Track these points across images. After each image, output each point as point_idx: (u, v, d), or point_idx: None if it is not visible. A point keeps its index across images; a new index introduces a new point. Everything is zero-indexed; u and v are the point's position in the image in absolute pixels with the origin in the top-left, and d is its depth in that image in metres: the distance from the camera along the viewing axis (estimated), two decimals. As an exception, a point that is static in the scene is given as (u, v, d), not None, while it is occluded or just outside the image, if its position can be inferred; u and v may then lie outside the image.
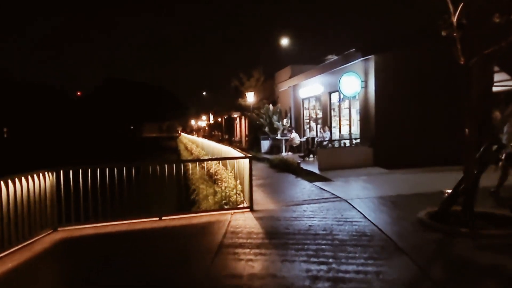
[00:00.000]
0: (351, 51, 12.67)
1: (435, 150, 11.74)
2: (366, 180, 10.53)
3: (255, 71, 25.64)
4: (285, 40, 24.25)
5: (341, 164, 12.53)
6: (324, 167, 12.53)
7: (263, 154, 20.26)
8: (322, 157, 12.65)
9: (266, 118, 21.91)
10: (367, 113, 13.12)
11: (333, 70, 15.11)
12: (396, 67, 12.59)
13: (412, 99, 12.46)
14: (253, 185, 7.75)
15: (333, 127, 16.62)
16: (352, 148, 12.73)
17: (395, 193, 8.31)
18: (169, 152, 50.38)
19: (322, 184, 10.01)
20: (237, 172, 9.05)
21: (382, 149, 12.52)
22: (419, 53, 12.11)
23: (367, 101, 13.05)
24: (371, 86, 12.83)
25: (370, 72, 12.86)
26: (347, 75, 13.14)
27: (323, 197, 8.37)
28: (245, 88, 24.55)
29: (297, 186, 10.10)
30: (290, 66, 22.02)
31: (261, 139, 21.14)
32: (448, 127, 11.31)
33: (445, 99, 11.86)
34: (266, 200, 8.51)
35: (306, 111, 20.16)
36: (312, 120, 19.38)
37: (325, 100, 16.78)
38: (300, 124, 20.46)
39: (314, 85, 17.74)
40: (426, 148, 11.98)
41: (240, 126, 30.22)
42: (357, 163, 12.60)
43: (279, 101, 23.88)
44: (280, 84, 22.46)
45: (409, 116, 12.54)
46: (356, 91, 13.19)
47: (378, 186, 9.36)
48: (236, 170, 9.25)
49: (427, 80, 12.33)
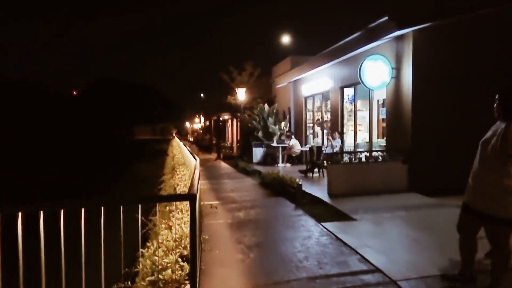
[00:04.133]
0: (380, 22, 8.75)
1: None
2: (407, 219, 6.54)
3: (247, 64, 21.69)
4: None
5: (362, 188, 8.57)
6: (336, 191, 8.55)
7: (254, 164, 16.28)
8: (334, 176, 8.67)
9: (260, 121, 17.93)
10: (399, 114, 9.17)
11: (348, 56, 11.15)
12: (448, 47, 8.66)
13: (470, 96, 8.53)
14: (228, 223, 4.23)
15: (344, 134, 12.65)
16: (377, 164, 8.80)
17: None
18: (160, 156, 46.58)
19: (338, 228, 6.01)
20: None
21: (422, 166, 8.57)
22: (488, 25, 8.21)
23: (400, 97, 9.10)
24: (405, 75, 8.89)
25: (404, 55, 8.92)
26: (372, 58, 9.20)
27: (348, 269, 4.36)
28: (235, 84, 20.61)
29: (297, 231, 6.08)
30: (290, 57, 18.05)
31: (253, 145, 17.15)
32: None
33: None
34: (239, 270, 4.49)
35: (309, 113, 16.19)
36: (317, 124, 15.39)
37: (336, 97, 12.82)
38: (301, 129, 16.48)
39: (321, 79, 13.78)
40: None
41: (232, 130, 26.27)
42: (384, 186, 8.65)
43: (277, 100, 19.90)
44: (277, 79, 18.49)
45: (464, 120, 8.59)
46: (384, 82, 9.25)
47: (439, 237, 5.37)
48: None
49: (496, 69, 8.42)
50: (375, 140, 11.11)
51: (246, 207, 8.10)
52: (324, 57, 12.64)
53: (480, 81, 8.56)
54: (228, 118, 26.02)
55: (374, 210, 7.21)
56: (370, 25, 9.12)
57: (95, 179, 24.39)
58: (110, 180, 23.12)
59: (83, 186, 20.39)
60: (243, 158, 17.90)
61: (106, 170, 29.82)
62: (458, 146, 8.59)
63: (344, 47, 11.00)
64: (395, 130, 9.40)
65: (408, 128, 8.84)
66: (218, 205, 8.35)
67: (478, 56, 8.72)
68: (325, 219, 6.67)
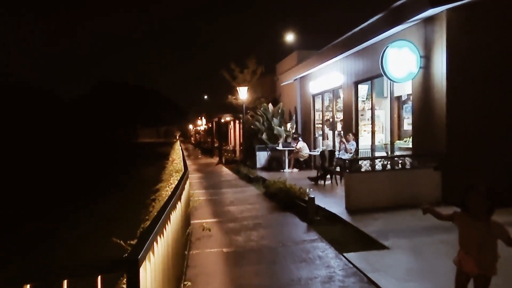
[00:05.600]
0: (406, 0, 7.24)
1: None
2: (454, 244, 5.00)
3: (249, 61, 20.18)
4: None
5: (386, 200, 7.08)
6: (356, 205, 7.06)
7: (258, 170, 14.81)
8: (353, 187, 7.17)
9: (264, 122, 16.46)
10: (429, 111, 7.66)
11: (364, 45, 9.66)
12: (491, 31, 7.16)
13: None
14: (223, 254, 4.39)
15: (359, 136, 11.16)
16: (404, 172, 7.30)
17: None
18: (162, 159, 45.29)
19: (367, 262, 4.52)
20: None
21: (458, 174, 7.03)
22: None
23: (430, 91, 7.59)
24: (437, 65, 7.38)
25: (436, 41, 7.42)
26: (396, 45, 7.70)
27: None
28: (237, 83, 19.15)
29: (312, 267, 4.58)
30: (296, 51, 16.56)
31: (256, 149, 15.68)
32: None
33: None
34: None
35: (318, 113, 14.69)
36: (327, 125, 13.89)
37: (349, 94, 11.32)
38: (309, 130, 14.99)
39: (332, 74, 12.29)
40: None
41: (234, 132, 24.81)
42: (413, 198, 7.13)
43: (282, 99, 18.41)
44: (282, 76, 17.01)
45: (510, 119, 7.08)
46: (411, 73, 7.74)
47: (505, 271, 3.86)
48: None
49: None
50: (400, 143, 9.61)
51: (247, 227, 6.62)
52: (335, 48, 11.15)
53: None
54: (230, 119, 24.57)
55: (407, 232, 5.72)
56: (394, 5, 7.62)
57: (91, 184, 23.07)
58: (107, 185, 21.76)
59: (76, 192, 19.03)
60: (246, 162, 16.43)
61: (105, 174, 28.48)
62: (505, 150, 7.08)
63: (360, 35, 9.50)
64: (424, 131, 7.89)
65: (441, 128, 7.33)
66: (213, 224, 6.89)
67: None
68: (348, 246, 5.18)
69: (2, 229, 11.80)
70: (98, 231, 9.86)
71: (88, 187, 21.84)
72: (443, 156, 7.25)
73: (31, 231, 12.01)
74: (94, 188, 21.05)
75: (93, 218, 12.70)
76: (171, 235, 3.03)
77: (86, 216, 13.30)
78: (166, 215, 2.73)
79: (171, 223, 3.09)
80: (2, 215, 13.27)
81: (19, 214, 14.33)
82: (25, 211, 14.98)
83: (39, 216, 13.98)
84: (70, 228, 11.76)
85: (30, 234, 11.66)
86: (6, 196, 17.93)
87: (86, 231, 10.92)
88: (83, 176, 28.02)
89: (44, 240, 10.69)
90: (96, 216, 12.81)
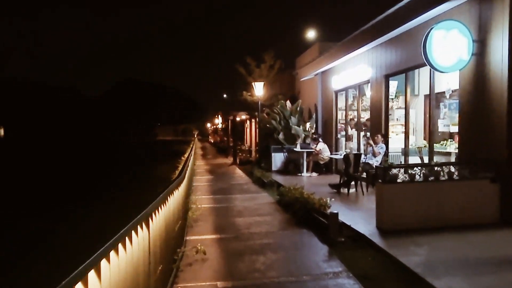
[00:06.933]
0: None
1: None
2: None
3: (267, 55, 18.79)
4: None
5: (429, 219, 5.67)
6: (390, 223, 5.66)
7: (273, 173, 13.49)
8: (386, 201, 5.75)
9: (281, 120, 15.10)
10: (483, 109, 6.17)
11: (399, 31, 8.20)
12: None
13: None
14: None
15: (389, 137, 9.72)
16: (452, 184, 5.85)
17: None
18: (178, 157, 44.55)
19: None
20: None
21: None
22: None
23: (485, 83, 6.11)
24: (495, 51, 5.90)
25: (494, 22, 5.94)
26: (443, 26, 6.24)
27: None
28: (253, 78, 17.85)
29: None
30: (318, 43, 15.11)
31: (271, 150, 14.36)
32: None
33: None
34: None
35: (341, 112, 13.24)
36: (352, 125, 12.43)
37: (378, 90, 9.87)
38: (330, 131, 13.56)
39: (358, 67, 10.85)
40: None
41: (250, 131, 23.52)
42: (463, 215, 5.72)
43: (301, 96, 16.99)
44: (302, 71, 15.59)
45: None
46: (462, 61, 6.25)
47: None
48: None
49: None
50: (438, 147, 8.13)
51: (253, 248, 5.32)
52: (363, 36, 9.70)
53: None
54: (246, 118, 23.30)
55: (463, 266, 4.30)
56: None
57: (102, 182, 22.22)
58: (121, 184, 20.85)
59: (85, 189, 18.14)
60: (261, 164, 15.13)
61: (120, 171, 27.65)
62: None
63: (394, 18, 8.06)
64: (475, 133, 6.41)
65: (500, 130, 5.85)
66: (212, 242, 5.63)
67: None
68: (384, 286, 3.82)
69: (2, 229, 11.04)
70: (99, 231, 8.83)
71: (98, 186, 20.99)
72: (502, 165, 5.76)
73: (32, 230, 11.24)
74: (100, 187, 20.16)
75: (94, 218, 11.75)
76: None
77: (88, 215, 12.39)
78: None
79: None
80: (5, 215, 12.48)
81: (27, 213, 13.48)
82: (34, 210, 14.13)
83: (46, 214, 13.13)
84: (69, 228, 10.87)
85: (33, 233, 10.87)
86: (18, 193, 17.22)
87: (85, 231, 9.98)
88: (95, 174, 27.29)
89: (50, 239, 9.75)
90: (96, 216, 11.81)
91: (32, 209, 14.15)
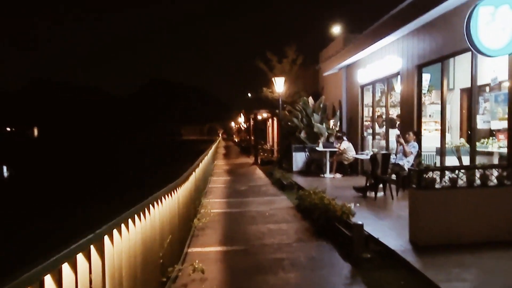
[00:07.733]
0: None
1: None
2: None
3: (289, 49, 17.92)
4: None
5: (475, 232, 4.71)
6: (427, 236, 4.74)
7: (294, 173, 12.67)
8: (422, 211, 4.82)
9: (303, 118, 14.22)
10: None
11: (433, 15, 7.20)
12: None
13: None
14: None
15: (422, 135, 8.70)
16: (503, 191, 4.86)
17: None
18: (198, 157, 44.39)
19: None
20: None
21: None
22: None
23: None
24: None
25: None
26: (491, 2, 5.24)
27: None
28: (274, 74, 17.02)
29: None
30: (342, 35, 14.14)
31: (293, 149, 13.51)
32: None
33: None
34: None
35: (367, 108, 12.22)
36: (380, 122, 11.40)
37: (410, 82, 8.85)
38: (356, 129, 12.56)
39: (386, 58, 9.85)
40: None
41: (272, 130, 22.71)
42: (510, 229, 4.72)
43: (324, 92, 16.03)
44: (325, 65, 14.63)
45: None
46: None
47: None
48: None
49: None
50: (483, 146, 7.07)
51: (263, 266, 4.53)
52: (393, 21, 8.69)
53: None
54: (268, 116, 22.50)
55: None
56: None
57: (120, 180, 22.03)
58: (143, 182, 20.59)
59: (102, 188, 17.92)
60: (282, 164, 14.32)
61: (144, 170, 27.49)
62: None
63: (428, 0, 7.06)
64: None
65: None
66: (216, 256, 4.90)
67: None
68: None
69: (3, 228, 10.78)
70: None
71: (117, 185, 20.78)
72: None
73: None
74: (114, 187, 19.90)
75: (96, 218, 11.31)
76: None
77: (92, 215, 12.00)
78: None
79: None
80: (11, 215, 12.27)
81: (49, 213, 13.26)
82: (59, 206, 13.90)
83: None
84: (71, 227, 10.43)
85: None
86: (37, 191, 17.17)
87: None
88: (115, 173, 27.23)
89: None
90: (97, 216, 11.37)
91: (56, 207, 13.88)
